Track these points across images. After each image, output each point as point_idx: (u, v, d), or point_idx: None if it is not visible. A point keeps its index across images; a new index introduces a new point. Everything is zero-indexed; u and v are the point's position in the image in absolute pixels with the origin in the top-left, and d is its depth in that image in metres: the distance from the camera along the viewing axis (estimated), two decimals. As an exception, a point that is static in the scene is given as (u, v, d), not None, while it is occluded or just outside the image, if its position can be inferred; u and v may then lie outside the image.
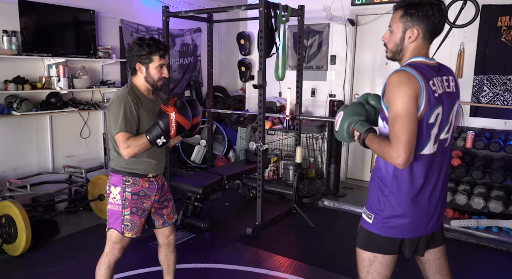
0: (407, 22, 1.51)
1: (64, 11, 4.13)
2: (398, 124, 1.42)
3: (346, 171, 5.19)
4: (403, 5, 1.52)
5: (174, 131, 1.93)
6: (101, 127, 4.69)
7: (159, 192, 2.19)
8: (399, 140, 1.41)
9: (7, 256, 3.18)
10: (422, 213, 1.56)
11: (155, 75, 2.05)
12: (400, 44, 1.55)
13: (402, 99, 1.42)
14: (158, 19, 4.38)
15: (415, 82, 1.43)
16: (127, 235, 2.11)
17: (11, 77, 3.76)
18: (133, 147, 1.99)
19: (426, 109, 1.44)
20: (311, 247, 3.46)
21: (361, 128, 1.60)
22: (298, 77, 4.11)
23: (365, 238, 1.65)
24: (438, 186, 1.58)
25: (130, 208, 2.09)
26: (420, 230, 1.59)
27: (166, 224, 2.29)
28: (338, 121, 1.69)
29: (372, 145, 1.54)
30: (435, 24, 1.50)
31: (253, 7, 3.54)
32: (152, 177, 2.15)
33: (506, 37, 3.97)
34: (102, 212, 3.96)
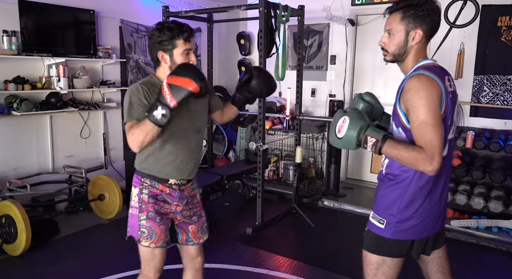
0: (409, 24, 1.49)
1: (64, 11, 4.13)
2: (428, 129, 1.38)
3: (346, 171, 5.19)
4: (401, 7, 1.49)
5: (170, 95, 1.55)
6: (101, 127, 4.69)
7: (182, 203, 1.89)
8: (432, 146, 1.37)
9: (7, 256, 3.18)
10: (434, 214, 1.57)
11: (181, 61, 1.72)
12: (404, 46, 1.52)
13: (428, 102, 1.38)
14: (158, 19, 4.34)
15: (437, 86, 1.41)
16: (144, 244, 1.84)
17: (11, 77, 3.76)
18: (137, 134, 1.64)
19: (446, 112, 1.44)
20: (311, 247, 3.46)
21: (376, 135, 1.46)
22: (298, 77, 4.11)
23: (374, 242, 1.62)
24: (446, 186, 1.60)
25: (147, 212, 1.82)
26: (429, 230, 1.59)
27: (190, 242, 1.98)
28: (344, 127, 1.50)
29: (395, 151, 1.43)
30: (436, 22, 1.50)
31: (253, 7, 3.54)
32: (174, 184, 1.85)
33: (506, 37, 3.97)
34: (102, 212, 3.97)
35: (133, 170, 1.95)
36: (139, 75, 5.06)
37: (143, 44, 5.08)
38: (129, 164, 4.27)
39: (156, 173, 1.84)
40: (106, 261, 3.13)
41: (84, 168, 4.05)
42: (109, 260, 3.15)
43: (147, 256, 1.87)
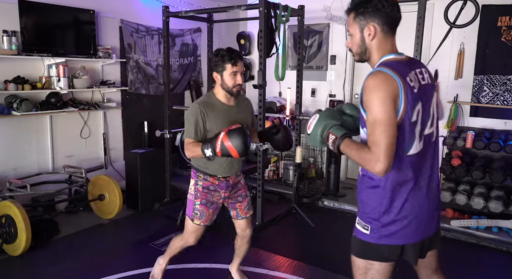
0: (361, 22, 1.51)
1: (64, 11, 4.13)
2: (378, 129, 1.37)
3: (346, 171, 5.19)
4: (352, 7, 1.53)
5: (219, 148, 2.08)
6: (101, 127, 4.69)
7: (229, 190, 2.43)
8: (379, 147, 1.36)
9: (7, 256, 3.18)
10: (423, 214, 1.52)
11: (229, 82, 2.23)
12: (362, 44, 1.53)
13: (380, 103, 1.37)
14: (158, 19, 4.37)
15: (392, 84, 1.38)
16: (196, 222, 2.38)
17: (11, 77, 3.76)
18: (190, 152, 2.22)
19: (406, 108, 1.40)
20: (311, 247, 3.46)
21: (337, 132, 1.54)
22: (298, 77, 4.11)
23: (360, 247, 1.60)
24: (433, 182, 1.55)
25: (201, 199, 2.36)
26: (422, 232, 1.54)
27: (239, 217, 2.53)
28: (312, 123, 1.61)
29: (349, 151, 1.49)
30: (389, 14, 1.48)
31: (253, 7, 3.54)
32: (222, 177, 2.37)
33: (506, 37, 3.97)
34: (102, 212, 3.97)
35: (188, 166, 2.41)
36: (139, 75, 5.07)
37: (143, 44, 5.08)
38: (129, 164, 4.28)
39: (209, 170, 2.35)
40: (106, 261, 3.14)
41: (84, 168, 4.05)
42: (109, 260, 3.15)
43: (193, 229, 2.42)
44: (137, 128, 5.12)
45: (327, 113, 1.62)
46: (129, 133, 5.04)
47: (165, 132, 4.14)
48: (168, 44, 4.12)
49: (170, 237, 3.51)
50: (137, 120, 5.11)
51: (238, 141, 2.06)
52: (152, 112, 5.23)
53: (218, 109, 2.27)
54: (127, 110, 4.96)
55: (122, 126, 4.97)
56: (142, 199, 4.14)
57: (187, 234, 2.46)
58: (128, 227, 3.88)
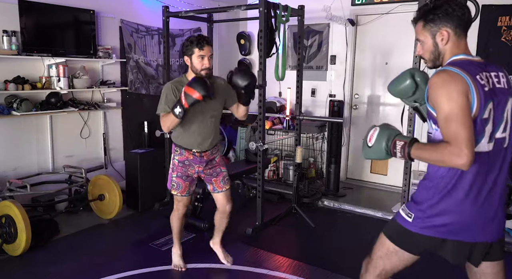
0: (432, 28, 1.52)
1: (64, 11, 4.13)
2: (454, 122, 1.35)
3: (346, 171, 5.19)
4: (420, 16, 1.55)
5: (184, 100, 2.30)
6: (101, 127, 4.69)
7: (203, 165, 2.67)
8: (458, 140, 1.33)
9: (7, 256, 3.18)
10: (479, 217, 1.48)
11: (197, 65, 2.46)
12: (435, 50, 1.55)
13: (450, 96, 1.37)
14: (158, 19, 4.37)
15: (460, 79, 1.38)
16: (173, 193, 2.72)
17: (11, 77, 3.76)
18: (165, 122, 2.46)
19: (479, 104, 1.39)
20: (311, 247, 3.46)
21: (404, 138, 1.51)
22: (298, 77, 4.11)
23: (396, 231, 1.62)
24: (496, 189, 1.50)
25: (177, 172, 2.67)
26: (473, 234, 1.50)
27: (216, 191, 2.77)
28: (374, 135, 1.57)
29: (423, 152, 1.44)
30: (461, 17, 1.49)
31: (253, 7, 3.54)
32: (197, 152, 2.62)
33: (506, 37, 3.97)
34: (102, 212, 3.97)
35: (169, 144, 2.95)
36: (139, 75, 5.06)
37: (143, 44, 5.08)
38: (129, 164, 4.27)
39: (184, 144, 2.63)
40: (106, 261, 3.14)
41: (84, 168, 4.05)
42: (109, 260, 3.15)
43: (177, 199, 2.77)
44: (137, 128, 5.12)
45: (387, 126, 1.60)
46: (129, 133, 5.04)
47: (165, 132, 4.14)
48: (168, 44, 4.12)
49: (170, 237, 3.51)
50: (137, 120, 5.11)
51: (195, 84, 2.29)
52: (152, 112, 5.16)
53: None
54: (127, 110, 4.96)
55: (122, 126, 4.97)
56: (142, 199, 4.14)
57: (176, 204, 2.78)
58: (128, 227, 3.88)
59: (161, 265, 3.03)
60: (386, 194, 4.75)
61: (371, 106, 5.03)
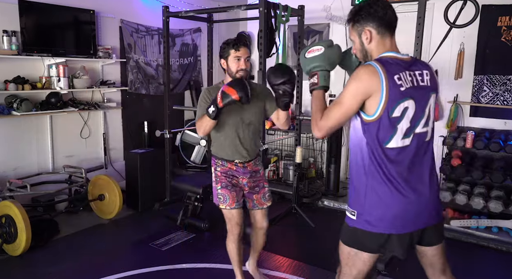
0: (358, 28, 1.63)
1: (64, 11, 4.13)
2: (336, 109, 1.56)
3: (346, 171, 5.19)
4: (349, 18, 1.66)
5: (220, 99, 2.15)
6: (101, 127, 4.69)
7: (247, 176, 2.47)
8: (327, 121, 1.58)
9: (7, 256, 3.18)
10: (407, 208, 1.56)
11: (232, 66, 2.34)
12: (362, 49, 1.65)
13: (351, 91, 1.53)
14: (158, 19, 4.37)
15: (373, 78, 1.50)
16: (222, 207, 2.42)
17: (11, 77, 3.76)
18: (199, 125, 2.30)
19: (386, 104, 1.50)
20: (311, 247, 3.46)
21: (322, 80, 1.70)
22: (298, 77, 4.11)
23: (347, 233, 1.68)
24: (423, 179, 1.60)
25: (221, 183, 2.43)
26: (409, 225, 1.59)
27: (256, 207, 2.55)
28: (315, 53, 1.71)
29: (313, 100, 1.69)
30: (382, 17, 1.58)
31: (253, 7, 3.54)
32: (239, 162, 2.44)
33: (506, 37, 3.97)
34: (102, 212, 3.97)
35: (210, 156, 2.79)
36: (139, 75, 5.06)
37: (143, 44, 5.08)
38: (129, 164, 4.28)
39: (224, 156, 2.44)
40: (106, 261, 3.14)
41: (84, 168, 4.05)
42: (109, 260, 3.16)
43: (227, 216, 2.45)
44: (137, 128, 5.12)
45: (331, 55, 1.72)
46: (129, 133, 5.04)
47: (165, 132, 4.14)
48: (168, 44, 4.12)
49: (170, 237, 3.52)
50: (137, 120, 5.11)
51: (234, 83, 2.17)
52: (152, 112, 5.23)
53: None
54: (127, 110, 4.96)
55: (122, 126, 4.97)
56: (142, 199, 4.14)
57: (228, 225, 2.49)
58: (128, 227, 3.88)
59: (161, 265, 3.03)
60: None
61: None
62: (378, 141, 1.54)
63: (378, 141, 1.54)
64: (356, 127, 1.62)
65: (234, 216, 2.43)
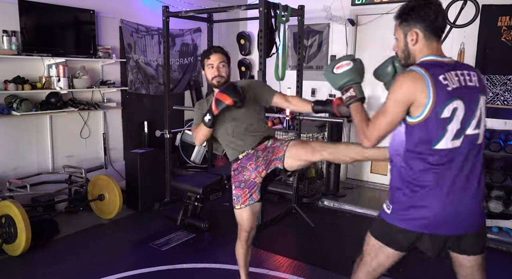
0: (405, 27, 1.59)
1: (64, 11, 4.12)
2: (382, 118, 1.54)
3: (346, 171, 5.19)
4: (398, 14, 1.62)
5: (214, 106, 2.17)
6: (101, 127, 4.69)
7: (254, 160, 2.32)
8: (374, 131, 1.56)
9: (7, 256, 3.18)
10: (446, 210, 1.52)
11: (209, 75, 2.38)
12: (405, 49, 1.62)
13: (396, 99, 1.51)
14: (158, 19, 4.37)
15: (417, 83, 1.47)
16: (237, 207, 2.37)
17: (11, 77, 3.75)
18: (196, 132, 2.30)
19: (434, 104, 1.47)
20: (311, 247, 3.46)
21: (359, 92, 1.71)
22: (298, 77, 4.11)
23: (379, 227, 1.67)
24: (470, 184, 1.54)
25: (235, 183, 2.39)
26: (445, 228, 1.55)
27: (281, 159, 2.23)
28: (344, 68, 1.73)
29: (354, 113, 1.67)
30: (432, 21, 1.55)
31: (253, 7, 3.54)
32: (243, 157, 2.36)
33: (506, 37, 3.97)
34: (102, 212, 3.97)
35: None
36: (139, 75, 5.06)
37: (143, 44, 5.08)
38: (129, 164, 4.27)
39: (231, 157, 2.40)
40: (106, 261, 3.14)
41: (84, 168, 4.05)
42: (109, 260, 3.15)
43: (238, 219, 2.42)
44: (137, 128, 5.12)
45: (360, 68, 1.75)
46: (129, 133, 5.03)
47: (165, 132, 4.14)
48: (168, 44, 4.12)
49: (170, 237, 3.52)
50: (137, 120, 5.11)
51: (226, 89, 2.17)
52: (152, 112, 5.23)
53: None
54: (127, 110, 4.96)
55: (122, 126, 4.97)
56: (142, 199, 4.14)
57: (239, 225, 2.43)
58: (128, 227, 3.88)
59: (161, 265, 3.03)
60: (386, 194, 4.74)
61: (371, 106, 5.02)
62: (425, 142, 1.51)
63: (425, 142, 1.51)
64: (399, 130, 1.60)
65: (243, 220, 2.37)
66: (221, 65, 2.37)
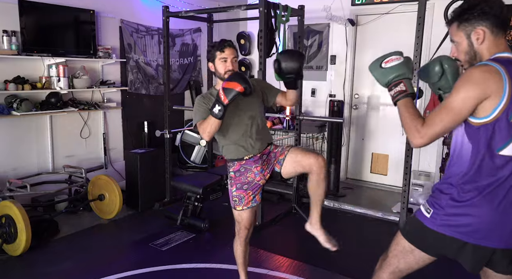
0: (467, 28, 1.48)
1: (64, 11, 4.13)
2: (444, 114, 1.39)
3: (346, 171, 5.19)
4: (454, 16, 1.52)
5: (223, 95, 2.07)
6: (101, 127, 4.69)
7: (260, 163, 2.36)
8: (431, 128, 1.40)
9: (7, 256, 3.18)
10: (498, 221, 1.41)
11: (220, 68, 2.30)
12: (470, 50, 1.49)
13: (464, 93, 1.36)
14: (158, 19, 4.37)
15: (492, 79, 1.34)
16: (238, 209, 2.36)
17: (11, 77, 3.76)
18: (204, 127, 2.17)
19: (507, 106, 1.34)
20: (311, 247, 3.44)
21: (409, 87, 1.55)
22: (298, 77, 4.10)
23: (412, 228, 1.58)
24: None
25: (235, 185, 2.36)
26: (493, 239, 1.42)
27: (282, 162, 2.40)
28: (394, 62, 1.60)
29: (404, 109, 1.49)
30: (498, 16, 1.43)
31: (253, 7, 3.54)
32: (248, 157, 2.34)
33: (506, 37, 3.96)
34: (102, 212, 3.97)
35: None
36: (139, 75, 5.06)
37: (143, 44, 5.08)
38: (129, 164, 4.27)
39: (233, 156, 2.36)
40: (106, 261, 3.14)
41: (84, 168, 4.05)
42: (109, 260, 3.15)
43: (237, 218, 2.41)
44: (137, 128, 5.12)
45: (409, 64, 1.62)
46: (129, 133, 5.04)
47: (165, 132, 4.14)
48: (168, 44, 4.12)
49: (170, 237, 3.52)
50: (137, 120, 5.11)
51: (234, 76, 2.10)
52: (152, 112, 5.23)
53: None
54: (127, 110, 4.96)
55: (122, 126, 4.97)
56: (142, 199, 4.14)
57: (236, 228, 2.45)
58: (128, 227, 3.88)
59: (161, 265, 3.03)
60: (386, 194, 4.75)
61: (371, 106, 5.02)
62: (489, 146, 1.39)
63: (488, 146, 1.39)
64: (458, 133, 1.48)
65: (243, 219, 2.39)
66: (234, 60, 2.33)
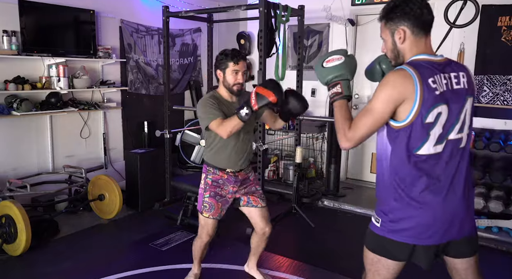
0: (391, 26, 1.56)
1: (64, 11, 4.13)
2: (367, 117, 1.47)
3: (346, 171, 5.19)
4: (383, 14, 1.59)
5: (254, 100, 2.07)
6: (101, 127, 4.69)
7: (238, 185, 2.48)
8: (356, 132, 1.49)
9: (7, 256, 3.18)
10: (435, 218, 1.49)
11: (230, 79, 2.33)
12: (394, 48, 1.57)
13: (383, 98, 1.45)
14: (158, 19, 4.37)
15: (406, 83, 1.42)
16: (205, 215, 2.45)
17: (11, 77, 3.76)
18: (227, 125, 2.18)
19: (420, 109, 1.42)
20: (311, 247, 3.46)
21: (346, 90, 1.62)
22: (298, 77, 4.11)
23: (371, 239, 1.63)
24: (456, 189, 1.51)
25: (209, 192, 2.44)
26: (436, 237, 1.51)
27: (251, 204, 2.52)
28: (334, 62, 1.63)
29: (338, 111, 1.58)
30: (418, 17, 1.49)
31: (253, 7, 3.54)
32: (231, 172, 2.44)
33: (506, 37, 3.97)
34: (102, 212, 3.97)
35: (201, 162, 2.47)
36: (139, 75, 5.06)
37: (143, 44, 5.08)
38: (129, 164, 4.27)
39: (218, 164, 2.43)
40: (106, 261, 3.14)
41: (84, 168, 4.05)
42: (109, 260, 3.15)
43: (203, 222, 2.49)
44: (137, 128, 5.12)
45: (350, 64, 1.65)
46: (129, 133, 5.04)
47: (165, 132, 4.14)
48: (168, 44, 4.12)
49: (170, 237, 3.52)
50: (137, 120, 5.11)
51: (271, 84, 2.10)
52: (152, 112, 5.23)
53: (223, 103, 2.37)
54: (127, 110, 4.96)
55: (122, 126, 4.97)
56: (142, 199, 4.14)
57: (200, 230, 2.53)
58: (128, 227, 3.88)
59: (161, 265, 3.03)
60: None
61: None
62: (407, 147, 1.47)
63: (407, 148, 1.47)
64: (382, 136, 1.55)
65: (209, 226, 2.48)
66: (244, 73, 2.36)
